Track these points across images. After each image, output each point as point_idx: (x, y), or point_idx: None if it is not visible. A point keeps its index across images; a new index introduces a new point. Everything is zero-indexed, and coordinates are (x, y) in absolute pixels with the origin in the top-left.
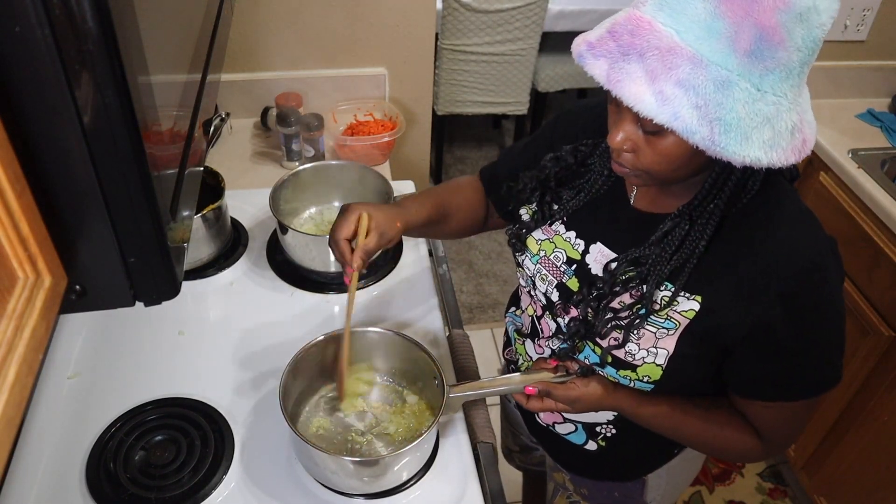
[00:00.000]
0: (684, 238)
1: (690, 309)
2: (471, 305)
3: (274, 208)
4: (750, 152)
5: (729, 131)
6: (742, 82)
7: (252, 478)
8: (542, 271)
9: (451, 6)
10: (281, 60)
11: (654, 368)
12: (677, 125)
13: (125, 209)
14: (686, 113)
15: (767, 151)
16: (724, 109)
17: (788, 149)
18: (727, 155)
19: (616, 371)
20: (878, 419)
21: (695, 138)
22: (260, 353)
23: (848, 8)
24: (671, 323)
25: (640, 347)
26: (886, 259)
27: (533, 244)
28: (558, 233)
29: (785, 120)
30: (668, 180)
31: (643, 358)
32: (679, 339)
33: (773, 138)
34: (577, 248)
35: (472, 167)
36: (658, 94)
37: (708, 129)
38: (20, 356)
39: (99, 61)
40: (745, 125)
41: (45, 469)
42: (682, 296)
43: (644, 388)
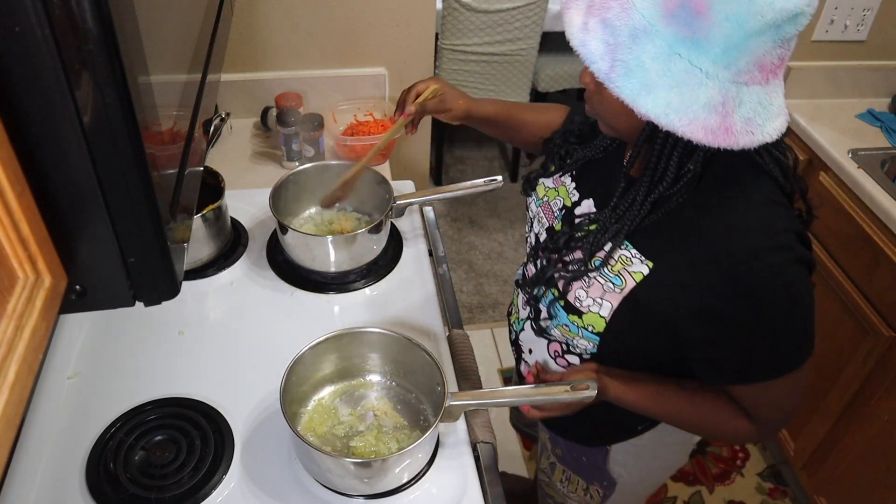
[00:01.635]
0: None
1: (640, 272)
2: (471, 305)
3: (274, 208)
4: (648, 105)
5: (629, 76)
6: (658, 39)
7: (252, 478)
8: (540, 214)
9: (451, 6)
10: (281, 60)
11: (597, 319)
12: (583, 52)
13: (125, 209)
14: (594, 45)
15: (669, 113)
16: (631, 55)
17: (697, 123)
18: (622, 95)
19: (567, 316)
20: (878, 419)
21: (593, 67)
22: (260, 352)
23: (848, 8)
24: (619, 280)
25: (588, 295)
26: (886, 259)
27: (541, 189)
28: (564, 184)
29: (697, 93)
30: (614, 127)
31: (589, 306)
32: (624, 298)
33: (682, 105)
34: (571, 198)
35: (472, 167)
36: (584, 24)
37: (608, 65)
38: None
39: (99, 61)
40: (651, 78)
41: (45, 469)
42: (636, 257)
43: (590, 338)
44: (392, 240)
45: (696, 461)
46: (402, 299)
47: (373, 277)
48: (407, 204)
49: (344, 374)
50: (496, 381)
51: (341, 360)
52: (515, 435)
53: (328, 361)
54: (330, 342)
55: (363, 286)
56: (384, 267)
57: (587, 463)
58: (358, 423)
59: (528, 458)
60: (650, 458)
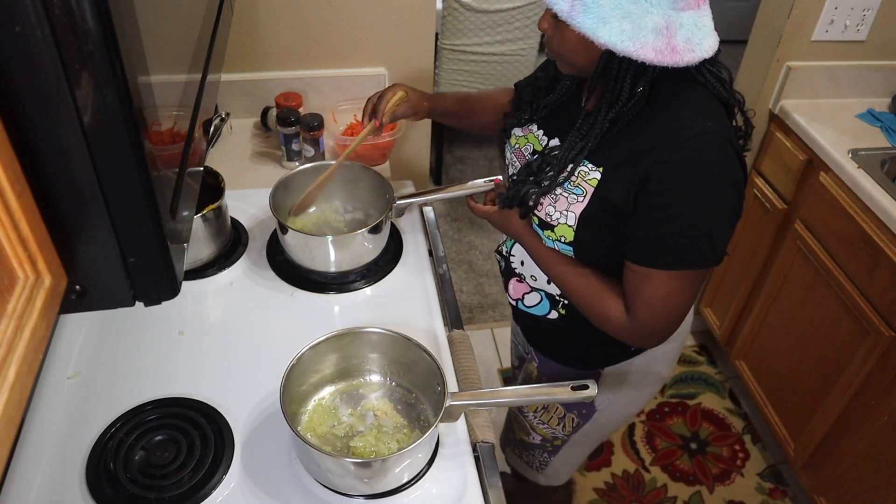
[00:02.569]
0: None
1: (594, 178)
2: (471, 305)
3: (274, 208)
4: (605, 35)
5: (587, 12)
6: None
7: (252, 478)
8: (513, 158)
9: (451, 6)
10: (281, 60)
11: (567, 229)
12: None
13: (125, 209)
14: None
15: (623, 40)
16: None
17: (649, 46)
18: (584, 30)
19: (542, 232)
20: (878, 419)
21: (556, 8)
22: (260, 352)
23: (848, 8)
24: (580, 189)
25: (556, 209)
26: (886, 259)
27: (513, 139)
28: (532, 131)
29: (645, 19)
30: (575, 65)
31: (558, 219)
32: (587, 204)
33: (632, 31)
34: (541, 143)
35: (472, 167)
36: None
37: (568, 5)
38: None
39: (99, 61)
40: (605, 11)
41: (45, 469)
42: (591, 169)
43: (564, 249)
44: (392, 240)
45: (696, 461)
46: (402, 299)
47: (373, 277)
48: (407, 204)
49: (344, 374)
50: (496, 381)
51: (341, 360)
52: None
53: (328, 361)
54: (330, 342)
55: (363, 286)
56: (384, 267)
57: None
58: (358, 423)
59: None
60: (633, 387)
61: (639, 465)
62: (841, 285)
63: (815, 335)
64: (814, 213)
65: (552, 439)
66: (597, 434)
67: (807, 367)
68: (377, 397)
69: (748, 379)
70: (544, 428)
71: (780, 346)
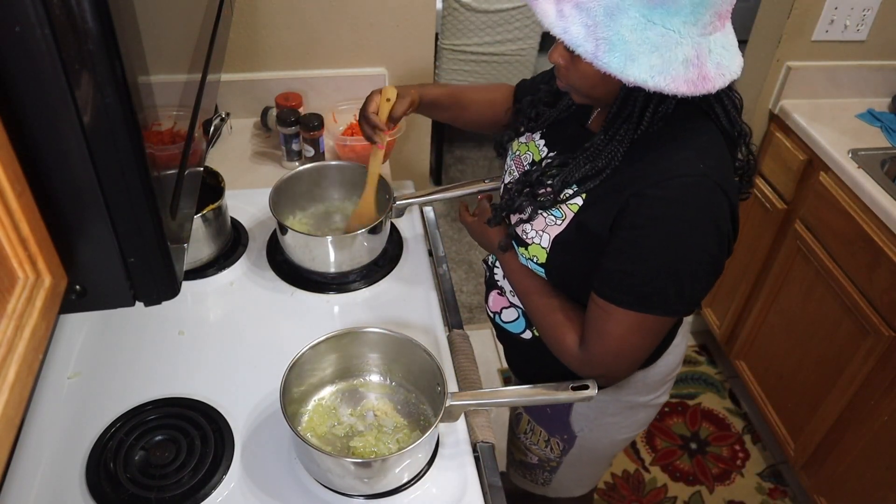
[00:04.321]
0: (600, 151)
1: (576, 203)
2: (471, 305)
3: (273, 209)
4: (634, 72)
5: (613, 50)
6: (632, 11)
7: (252, 478)
8: (512, 166)
9: (451, 6)
10: (281, 60)
11: (539, 250)
12: (566, 38)
13: (125, 209)
14: (575, 29)
15: (654, 76)
16: (611, 31)
17: (680, 79)
18: (611, 70)
19: (517, 247)
20: (878, 419)
21: (579, 50)
22: (260, 352)
23: (848, 8)
24: (559, 213)
25: (532, 228)
26: (886, 259)
27: (515, 144)
28: (533, 139)
29: (675, 51)
30: (591, 96)
31: (532, 238)
32: (563, 228)
33: (663, 65)
34: (541, 153)
35: (472, 167)
36: (559, 12)
37: (593, 45)
38: (20, 356)
39: (99, 61)
40: (632, 48)
41: (45, 469)
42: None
43: (536, 269)
44: (392, 240)
45: (696, 461)
46: (402, 299)
47: (373, 277)
48: (407, 204)
49: (344, 374)
50: (496, 381)
51: (341, 360)
52: None
53: (328, 361)
54: (330, 342)
55: (363, 286)
56: (384, 267)
57: (551, 414)
58: (358, 423)
59: None
60: (609, 415)
61: (639, 465)
62: (841, 285)
63: (815, 335)
64: (814, 213)
65: (546, 461)
66: (589, 457)
67: (807, 367)
68: (377, 397)
69: (748, 379)
70: (536, 448)
71: (780, 346)
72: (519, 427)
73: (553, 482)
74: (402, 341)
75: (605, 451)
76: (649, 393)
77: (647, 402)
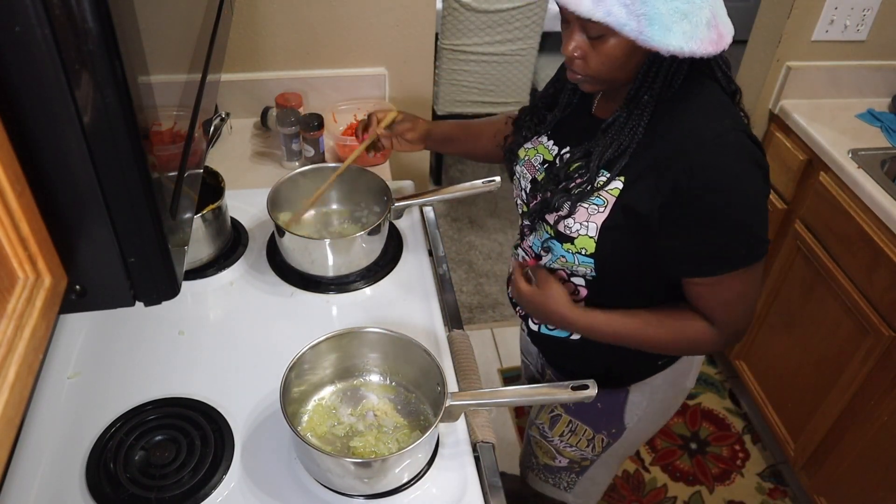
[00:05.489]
0: (622, 127)
1: (616, 188)
2: (471, 305)
3: (272, 211)
4: (672, 41)
5: (653, 24)
6: None
7: (252, 478)
8: (524, 171)
9: (451, 6)
10: (281, 60)
11: (588, 240)
12: (611, 20)
13: (125, 209)
14: (616, 10)
15: (688, 41)
16: (647, 6)
17: (706, 40)
18: (654, 43)
19: (561, 245)
20: (878, 419)
21: (625, 30)
22: (260, 352)
23: (848, 8)
24: (600, 200)
25: (576, 221)
26: (886, 259)
27: (522, 152)
28: (541, 142)
29: (699, 15)
30: (613, 81)
31: (578, 231)
32: (608, 214)
33: (691, 31)
34: (551, 152)
35: (472, 167)
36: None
37: (636, 22)
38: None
39: (99, 61)
40: (666, 19)
41: (45, 469)
42: (611, 178)
43: (585, 262)
44: (392, 240)
45: (696, 461)
46: (403, 299)
47: (373, 277)
48: (406, 205)
49: (344, 374)
50: (496, 381)
51: (342, 359)
52: (515, 435)
53: (328, 361)
54: (330, 342)
55: (363, 286)
56: (384, 267)
57: (603, 409)
58: (358, 423)
59: None
60: (659, 402)
61: (639, 465)
62: (841, 285)
63: (815, 335)
64: (814, 213)
65: (580, 460)
66: (625, 451)
67: (807, 367)
68: (377, 397)
69: (748, 379)
70: (572, 451)
71: (780, 346)
72: (555, 430)
73: (577, 485)
74: (402, 341)
75: (645, 437)
76: (688, 376)
77: (684, 385)
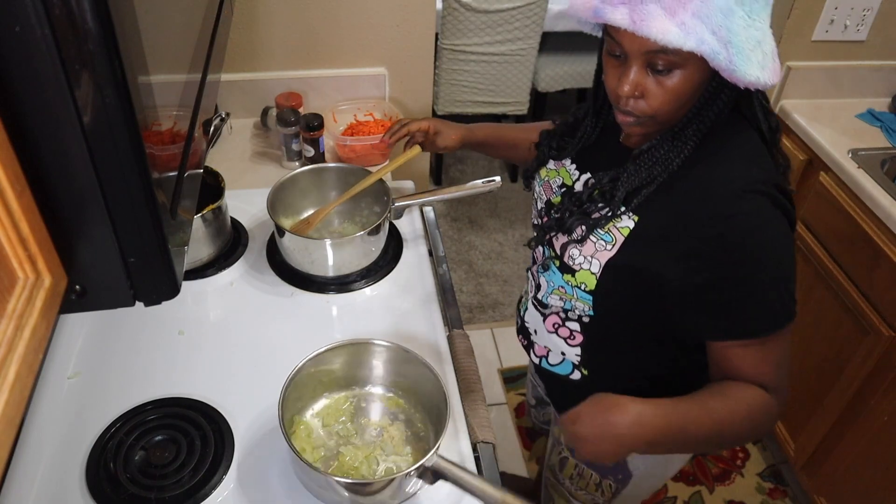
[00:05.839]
0: (658, 157)
1: (626, 227)
2: (471, 305)
3: (271, 211)
4: (752, 71)
5: (739, 53)
6: (738, 10)
7: (252, 478)
8: (541, 191)
9: (451, 6)
10: (281, 60)
11: (589, 276)
12: (704, 49)
13: (125, 209)
14: (709, 38)
15: (762, 71)
16: (732, 34)
17: (773, 70)
18: (738, 73)
19: (561, 275)
20: (878, 419)
21: (718, 58)
22: (260, 353)
23: (848, 8)
24: (609, 237)
25: (581, 254)
26: (886, 259)
27: (544, 171)
28: (564, 165)
29: (768, 44)
30: (671, 120)
31: (580, 264)
32: (615, 253)
33: (763, 60)
34: (572, 177)
35: (472, 167)
36: (681, 25)
37: (725, 50)
38: (20, 356)
39: (99, 61)
40: (746, 48)
41: (45, 469)
42: (624, 214)
43: (583, 298)
44: (392, 240)
45: (696, 461)
46: (402, 299)
47: (373, 277)
48: (405, 205)
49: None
50: (496, 382)
51: (344, 369)
52: (515, 435)
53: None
54: (334, 351)
55: (363, 286)
56: (384, 267)
57: None
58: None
59: (528, 458)
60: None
61: None
62: (841, 285)
63: (815, 335)
64: (814, 213)
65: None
66: (638, 495)
67: (807, 367)
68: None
69: None
70: (583, 494)
71: None
72: (564, 472)
73: None
74: (412, 359)
75: (655, 485)
76: None
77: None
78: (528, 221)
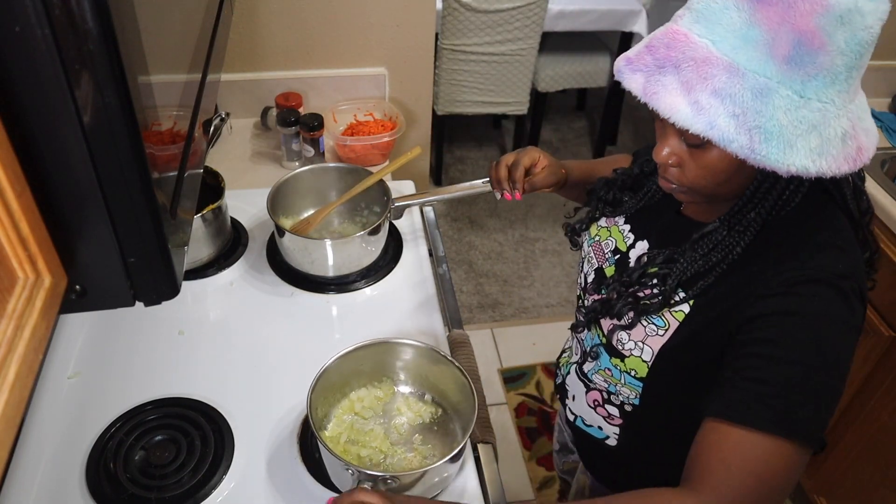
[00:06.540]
0: (717, 243)
1: (681, 311)
2: (471, 305)
3: (272, 211)
4: (795, 160)
5: (770, 139)
6: (783, 89)
7: (252, 478)
8: (591, 253)
9: (451, 6)
10: (281, 60)
11: (640, 363)
12: (713, 134)
13: (125, 209)
14: (723, 122)
15: (815, 160)
16: (764, 117)
17: (840, 157)
18: (769, 164)
19: (609, 359)
20: (878, 419)
21: (732, 147)
22: (260, 352)
23: None
24: (662, 321)
25: (630, 338)
26: (886, 259)
27: (594, 228)
28: (617, 224)
29: (833, 126)
30: (713, 195)
31: (630, 350)
32: (668, 339)
33: (822, 146)
34: (626, 241)
35: (472, 167)
36: (693, 104)
37: (747, 137)
38: (20, 356)
39: (99, 61)
40: (789, 133)
41: (45, 469)
42: (679, 297)
43: (632, 384)
44: (392, 240)
45: None
46: (402, 299)
47: (373, 277)
48: (405, 205)
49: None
50: (496, 381)
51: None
52: (515, 435)
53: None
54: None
55: (363, 286)
56: (384, 267)
57: None
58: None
59: (527, 458)
60: None
61: None
62: None
63: None
64: None
65: None
66: None
67: None
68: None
69: None
70: None
71: None
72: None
73: None
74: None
75: None
76: None
77: None
78: (528, 221)
